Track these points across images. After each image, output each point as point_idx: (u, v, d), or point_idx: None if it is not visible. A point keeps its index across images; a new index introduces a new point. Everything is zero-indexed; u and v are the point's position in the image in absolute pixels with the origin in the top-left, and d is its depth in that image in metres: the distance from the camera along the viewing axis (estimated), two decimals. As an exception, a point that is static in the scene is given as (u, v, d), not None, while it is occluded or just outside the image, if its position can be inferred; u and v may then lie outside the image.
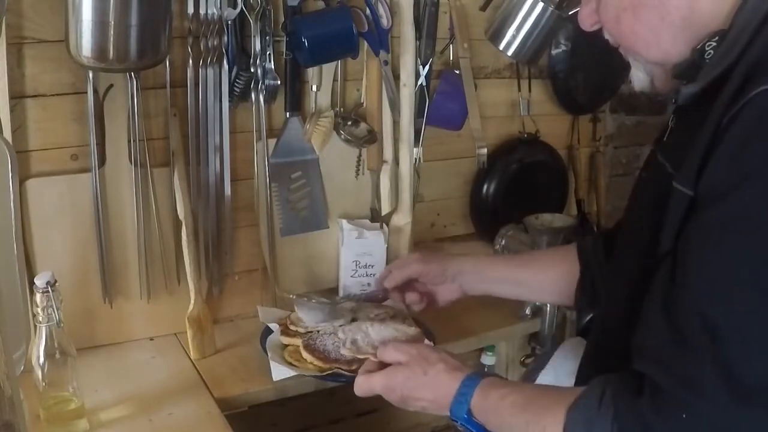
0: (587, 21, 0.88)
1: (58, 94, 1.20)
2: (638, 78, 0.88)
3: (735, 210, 0.68)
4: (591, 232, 1.83)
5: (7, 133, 1.13)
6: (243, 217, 1.42)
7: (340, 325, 1.22)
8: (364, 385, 0.99)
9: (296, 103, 1.40)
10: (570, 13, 1.50)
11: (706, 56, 0.77)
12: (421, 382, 0.93)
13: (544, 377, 1.10)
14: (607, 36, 0.88)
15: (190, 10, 1.22)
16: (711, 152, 0.71)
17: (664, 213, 0.77)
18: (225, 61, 1.29)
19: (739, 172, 0.68)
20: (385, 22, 1.42)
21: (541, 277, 1.19)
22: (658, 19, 0.80)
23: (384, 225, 1.51)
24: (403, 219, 1.54)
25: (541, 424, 0.80)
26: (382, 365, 1.00)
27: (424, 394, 0.94)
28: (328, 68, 1.42)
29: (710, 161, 0.71)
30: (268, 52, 1.32)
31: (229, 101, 1.32)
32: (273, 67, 1.34)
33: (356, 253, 1.45)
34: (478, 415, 0.88)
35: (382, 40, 1.41)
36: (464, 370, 0.93)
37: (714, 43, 0.76)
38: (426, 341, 1.19)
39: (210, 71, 1.28)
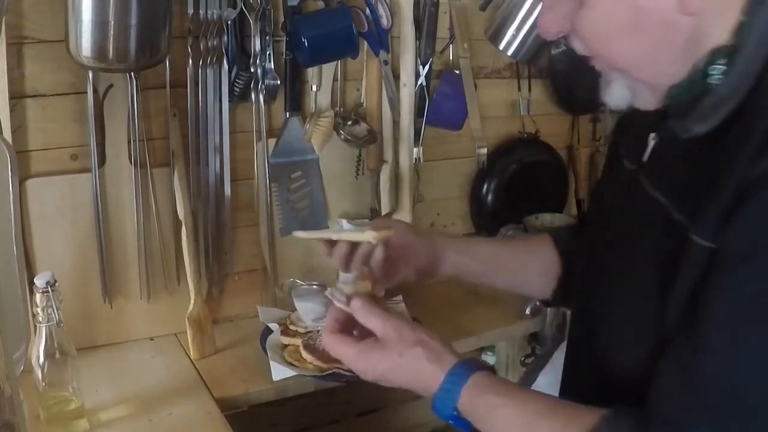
0: (551, 29, 0.77)
1: (58, 94, 1.20)
2: (618, 95, 0.80)
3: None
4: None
5: (7, 133, 1.13)
6: (243, 217, 1.42)
7: None
8: (335, 350, 0.86)
9: (296, 103, 1.40)
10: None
11: (710, 80, 0.69)
12: (396, 365, 0.83)
13: (544, 377, 1.09)
14: (578, 49, 0.78)
15: (190, 10, 1.22)
16: (738, 207, 0.64)
17: (677, 262, 0.70)
18: (225, 61, 1.29)
19: None
20: (385, 22, 1.42)
21: (523, 265, 1.10)
22: (659, 41, 0.71)
23: (384, 225, 1.50)
24: (403, 219, 1.54)
25: None
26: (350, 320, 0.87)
27: (398, 377, 0.84)
28: (328, 68, 1.41)
29: (738, 217, 0.64)
30: (268, 52, 1.32)
31: (229, 101, 1.32)
32: (273, 67, 1.34)
33: (356, 253, 1.44)
34: (465, 415, 0.80)
35: (382, 40, 1.42)
36: (445, 360, 0.82)
37: (722, 66, 0.68)
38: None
39: (210, 71, 1.28)
